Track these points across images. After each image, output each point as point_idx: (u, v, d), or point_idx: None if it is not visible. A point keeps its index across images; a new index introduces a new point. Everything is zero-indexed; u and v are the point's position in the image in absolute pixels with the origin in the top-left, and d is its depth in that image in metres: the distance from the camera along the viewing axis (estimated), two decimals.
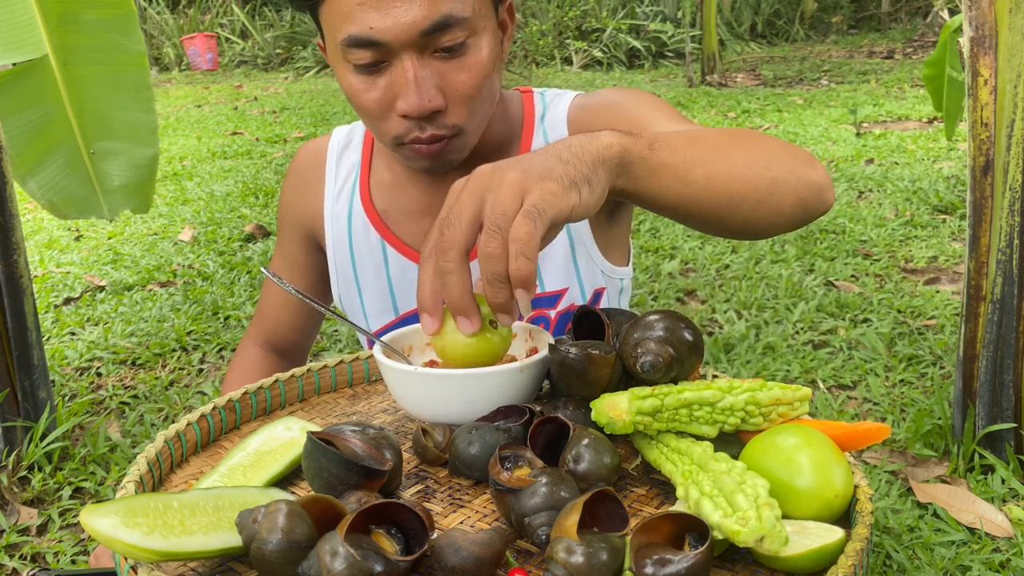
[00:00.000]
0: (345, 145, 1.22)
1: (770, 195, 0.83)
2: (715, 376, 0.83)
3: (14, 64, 2.17)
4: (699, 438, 0.70)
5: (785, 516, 0.61)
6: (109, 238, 4.05)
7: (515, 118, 1.15)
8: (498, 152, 1.13)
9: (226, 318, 2.98)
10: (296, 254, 1.27)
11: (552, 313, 1.14)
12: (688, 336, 0.72)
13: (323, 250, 1.24)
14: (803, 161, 0.87)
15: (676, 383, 0.72)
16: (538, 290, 1.13)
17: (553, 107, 1.15)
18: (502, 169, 0.70)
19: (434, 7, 0.91)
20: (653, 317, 0.73)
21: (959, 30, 2.55)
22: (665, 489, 0.72)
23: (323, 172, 1.21)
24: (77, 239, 4.06)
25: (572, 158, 0.72)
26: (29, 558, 1.75)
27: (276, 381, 0.93)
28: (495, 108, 1.11)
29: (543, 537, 0.62)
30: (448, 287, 0.70)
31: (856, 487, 0.66)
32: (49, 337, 2.89)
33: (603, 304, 1.17)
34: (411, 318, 1.17)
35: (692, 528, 0.59)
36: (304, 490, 0.75)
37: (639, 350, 0.71)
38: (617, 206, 1.16)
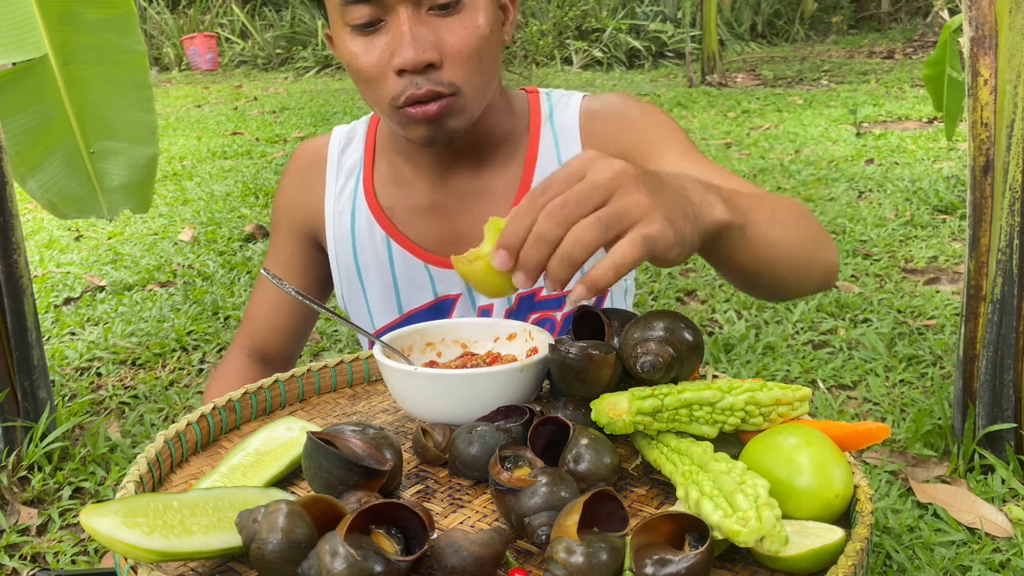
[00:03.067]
0: (346, 143, 1.21)
1: (807, 275, 0.92)
2: (715, 376, 0.83)
3: (14, 64, 2.17)
4: (699, 438, 0.70)
5: (785, 516, 0.61)
6: (109, 238, 4.05)
7: (521, 114, 1.15)
8: (505, 145, 1.13)
9: (226, 318, 2.98)
10: (294, 254, 1.25)
11: (558, 315, 1.14)
12: (688, 336, 0.72)
13: (323, 249, 1.23)
14: (829, 244, 0.95)
15: (676, 383, 0.72)
16: (544, 292, 1.13)
17: (561, 108, 1.15)
18: (644, 183, 0.67)
19: None
20: (653, 317, 0.73)
21: (959, 30, 2.55)
22: (665, 489, 0.72)
23: (323, 171, 1.21)
24: (77, 239, 4.06)
25: (692, 217, 0.70)
26: (29, 558, 1.75)
27: (276, 381, 0.93)
28: (501, 101, 1.12)
29: (543, 537, 0.62)
30: (534, 247, 0.66)
31: (856, 487, 0.66)
32: (49, 337, 2.89)
33: (606, 304, 1.17)
34: (415, 315, 1.17)
35: (692, 528, 0.59)
36: (304, 490, 0.75)
37: (639, 350, 0.71)
38: None
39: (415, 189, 1.15)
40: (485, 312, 1.15)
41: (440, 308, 1.16)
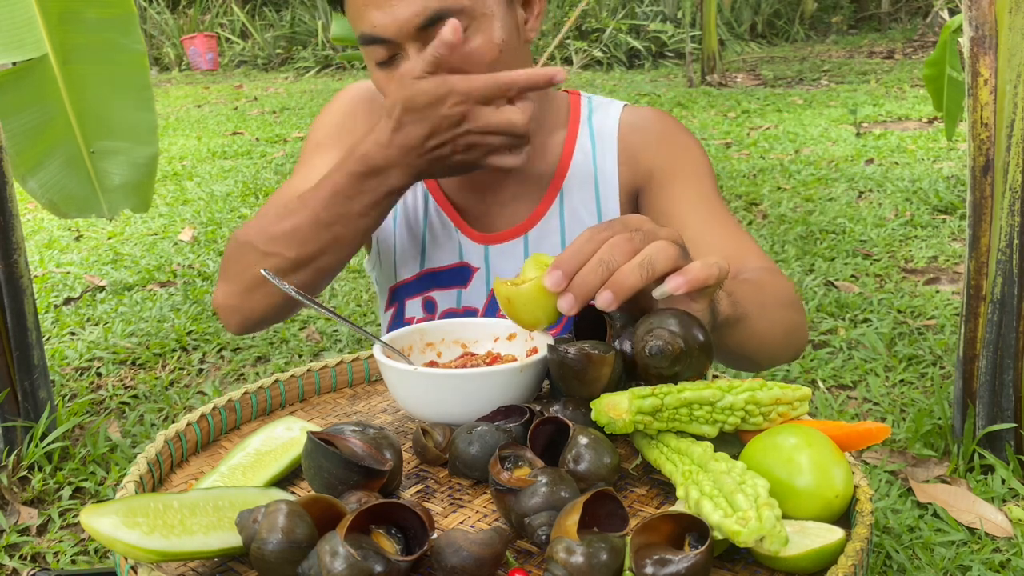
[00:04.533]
0: None
1: (778, 357, 1.02)
2: (715, 376, 0.83)
3: (14, 63, 2.17)
4: (699, 438, 0.70)
5: (785, 516, 0.61)
6: (109, 238, 4.05)
7: (560, 110, 1.17)
8: (541, 133, 1.14)
9: None
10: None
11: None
12: (700, 336, 0.72)
13: None
14: (803, 330, 1.04)
15: (676, 382, 0.72)
16: None
17: (601, 112, 1.17)
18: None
19: (427, 2, 0.94)
20: (671, 312, 0.73)
21: (959, 30, 2.55)
22: (665, 489, 0.72)
23: (379, 111, 1.20)
24: (77, 239, 4.06)
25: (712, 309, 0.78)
26: (29, 558, 1.75)
27: (276, 381, 0.93)
28: (539, 92, 1.11)
29: (543, 537, 0.62)
30: (594, 272, 0.71)
31: (856, 487, 0.66)
32: (49, 337, 2.89)
33: None
34: (436, 274, 1.17)
35: (692, 528, 0.59)
36: (304, 490, 0.75)
37: (651, 335, 0.72)
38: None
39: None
40: None
41: (460, 272, 1.17)
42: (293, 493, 0.74)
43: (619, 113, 1.17)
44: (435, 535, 0.60)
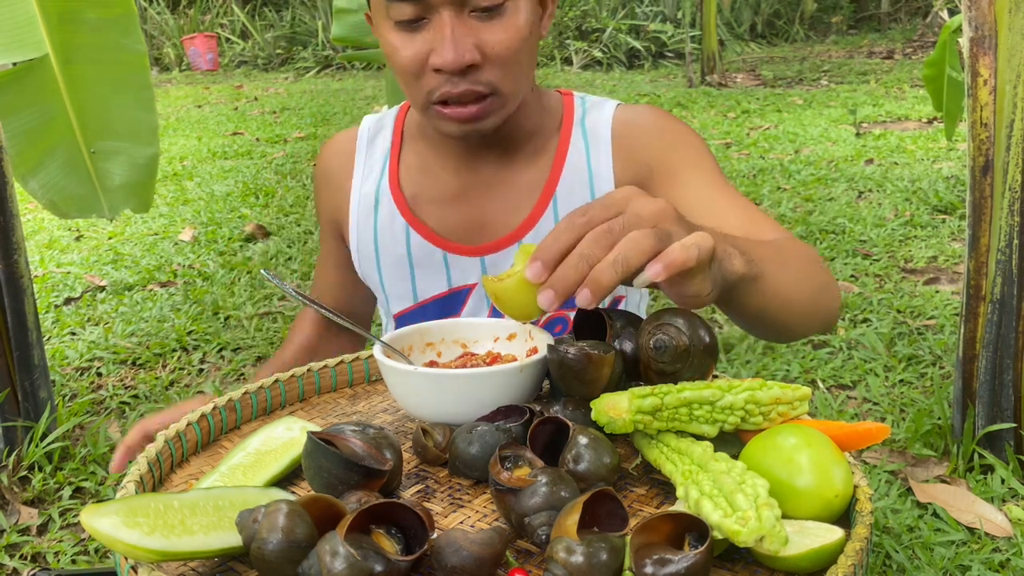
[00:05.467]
0: (377, 131, 1.23)
1: (810, 322, 0.94)
2: (715, 376, 0.83)
3: (14, 64, 2.17)
4: (699, 438, 0.70)
5: (785, 516, 0.61)
6: (109, 238, 4.05)
7: (554, 112, 1.16)
8: (535, 139, 1.14)
9: (226, 318, 2.98)
10: (331, 246, 1.29)
11: (571, 315, 1.15)
12: (705, 337, 0.73)
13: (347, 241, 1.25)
14: (834, 290, 0.98)
15: (676, 381, 0.72)
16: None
17: (595, 112, 1.16)
18: (684, 222, 0.71)
19: None
20: (679, 312, 0.74)
21: (959, 30, 2.55)
22: (665, 489, 0.73)
23: (351, 162, 1.22)
24: (77, 239, 4.06)
25: (719, 260, 0.73)
26: (29, 558, 1.75)
27: (276, 381, 0.93)
28: (533, 96, 1.12)
29: (543, 537, 0.62)
30: (575, 267, 0.67)
31: (856, 487, 0.66)
32: (49, 337, 2.89)
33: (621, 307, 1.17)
34: (429, 305, 1.17)
35: (692, 528, 0.59)
36: (304, 490, 0.75)
37: (657, 330, 0.72)
38: None
39: (440, 177, 1.16)
40: None
41: (455, 298, 1.17)
42: (293, 493, 0.74)
43: (612, 112, 1.15)
44: (435, 535, 0.60)
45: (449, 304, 1.17)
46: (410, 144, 1.20)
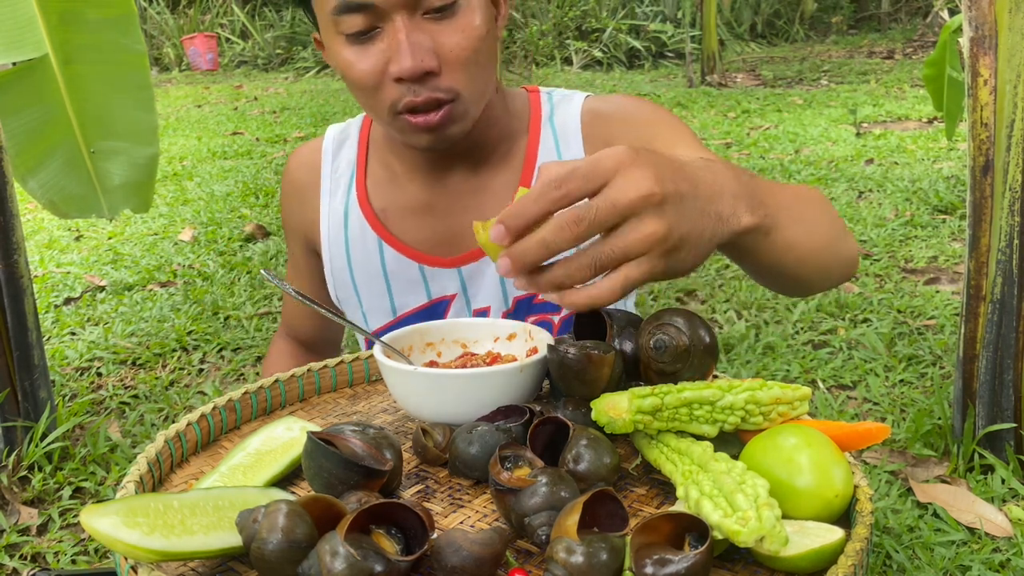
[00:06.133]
0: (341, 142, 1.20)
1: (828, 272, 0.91)
2: (715, 376, 0.83)
3: (14, 63, 2.17)
4: (699, 438, 0.70)
5: (785, 516, 0.61)
6: (109, 238, 4.05)
7: (521, 113, 1.14)
8: (503, 144, 1.12)
9: (226, 318, 2.98)
10: (299, 258, 1.27)
11: (555, 319, 1.14)
12: (706, 337, 0.73)
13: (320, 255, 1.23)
14: (849, 237, 0.94)
15: (676, 381, 0.72)
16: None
17: (563, 108, 1.13)
18: (668, 205, 0.64)
19: None
20: (679, 312, 0.74)
21: (959, 30, 2.55)
22: (665, 489, 0.72)
23: (318, 176, 1.19)
24: (77, 239, 4.06)
25: (708, 235, 0.68)
26: (29, 558, 1.75)
27: (276, 381, 0.93)
28: (498, 99, 1.10)
29: (543, 537, 0.62)
30: (535, 251, 0.65)
31: (856, 487, 0.66)
32: (49, 337, 2.89)
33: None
34: (410, 318, 1.16)
35: (692, 528, 0.59)
36: (304, 490, 0.75)
37: (656, 329, 0.72)
38: None
39: (409, 189, 1.14)
40: (482, 315, 1.15)
41: (435, 310, 1.16)
42: (293, 493, 0.74)
43: (580, 105, 1.13)
44: (435, 535, 0.60)
45: (429, 317, 1.15)
46: (376, 155, 1.17)
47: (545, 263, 0.67)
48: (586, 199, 0.64)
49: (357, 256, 1.16)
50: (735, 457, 0.67)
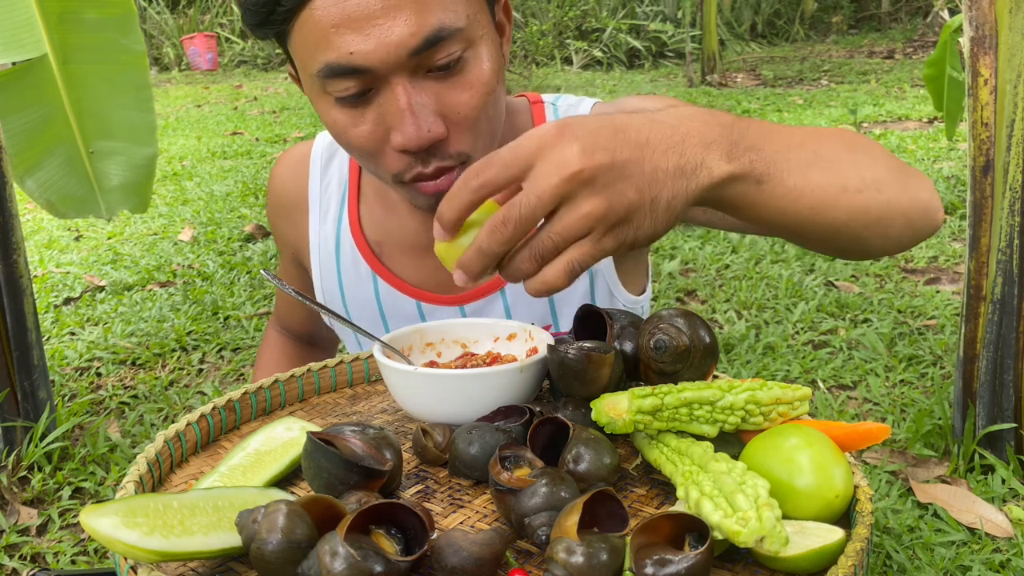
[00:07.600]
0: (332, 154, 1.11)
1: (878, 220, 0.74)
2: (715, 376, 0.83)
3: (14, 63, 2.17)
4: (699, 438, 0.70)
5: (785, 516, 0.61)
6: (109, 238, 4.05)
7: (524, 130, 1.02)
8: None
9: (226, 318, 2.98)
10: (289, 266, 1.23)
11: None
12: (706, 337, 0.73)
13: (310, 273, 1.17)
14: (912, 178, 0.78)
15: (676, 381, 0.72)
16: (553, 329, 1.08)
17: (570, 116, 1.08)
18: (598, 182, 0.60)
19: (422, 20, 0.78)
20: (680, 312, 0.74)
21: (959, 30, 2.55)
22: (665, 489, 0.72)
23: (305, 195, 1.12)
24: (77, 239, 4.06)
25: (664, 200, 0.62)
26: (29, 558, 1.75)
27: (276, 381, 0.93)
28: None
29: (543, 537, 0.62)
30: (477, 260, 0.63)
31: (856, 487, 0.66)
32: (49, 337, 2.89)
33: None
34: None
35: (692, 528, 0.59)
36: (304, 490, 0.75)
37: (658, 330, 0.72)
38: None
39: (407, 226, 1.06)
40: None
41: None
42: (293, 493, 0.74)
43: (589, 111, 1.03)
44: (435, 535, 0.60)
45: None
46: (369, 184, 1.08)
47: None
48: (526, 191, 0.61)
49: (349, 283, 1.10)
50: (735, 457, 0.67)
